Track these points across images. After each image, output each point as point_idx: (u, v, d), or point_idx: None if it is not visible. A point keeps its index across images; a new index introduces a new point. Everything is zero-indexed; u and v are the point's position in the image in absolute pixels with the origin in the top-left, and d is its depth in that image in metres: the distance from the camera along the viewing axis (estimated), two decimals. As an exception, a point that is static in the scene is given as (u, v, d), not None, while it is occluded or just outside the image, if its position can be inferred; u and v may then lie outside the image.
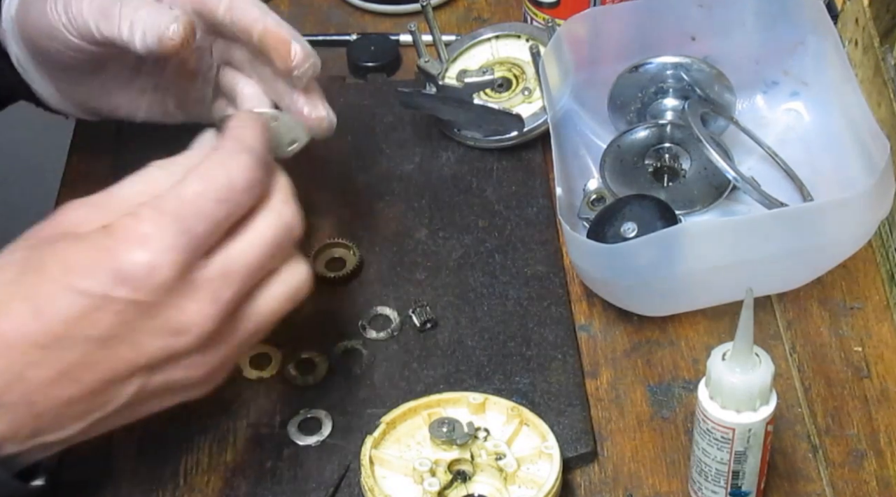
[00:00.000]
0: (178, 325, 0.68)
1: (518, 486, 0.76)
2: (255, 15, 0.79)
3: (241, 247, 0.70)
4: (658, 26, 0.95)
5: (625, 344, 0.87)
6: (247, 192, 0.70)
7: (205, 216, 0.68)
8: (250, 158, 0.71)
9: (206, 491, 0.79)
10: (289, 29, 0.80)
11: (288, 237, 0.72)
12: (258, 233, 0.71)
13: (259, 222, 0.71)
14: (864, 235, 0.85)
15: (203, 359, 0.70)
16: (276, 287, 0.72)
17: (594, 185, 0.94)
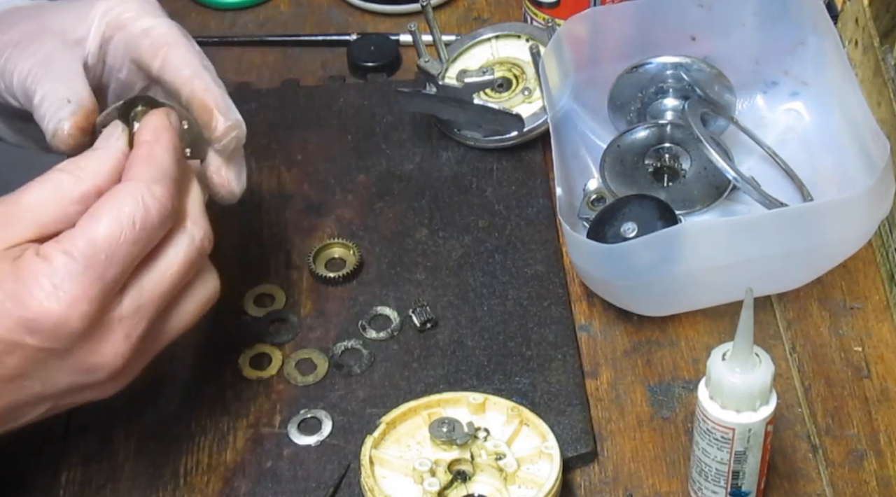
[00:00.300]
0: (90, 366, 0.69)
1: (518, 486, 0.76)
2: (184, 76, 0.77)
3: (154, 278, 0.70)
4: (658, 26, 0.95)
5: (625, 344, 0.87)
6: (160, 228, 0.69)
7: (117, 259, 0.68)
8: (164, 187, 0.70)
9: (206, 491, 0.79)
10: (217, 95, 0.77)
11: (199, 257, 0.72)
12: (170, 260, 0.70)
13: (170, 250, 0.70)
14: (864, 235, 0.85)
15: (115, 383, 0.71)
16: (188, 304, 0.72)
17: (594, 185, 0.94)
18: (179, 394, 0.84)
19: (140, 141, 0.72)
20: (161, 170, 0.70)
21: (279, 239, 0.93)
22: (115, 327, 0.69)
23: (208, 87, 0.77)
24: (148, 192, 0.69)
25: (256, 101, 1.03)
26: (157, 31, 0.78)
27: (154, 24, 0.78)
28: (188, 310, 0.73)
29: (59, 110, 0.74)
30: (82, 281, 0.67)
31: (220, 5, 1.14)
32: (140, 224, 0.68)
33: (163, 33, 0.78)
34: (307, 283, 0.90)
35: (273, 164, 0.98)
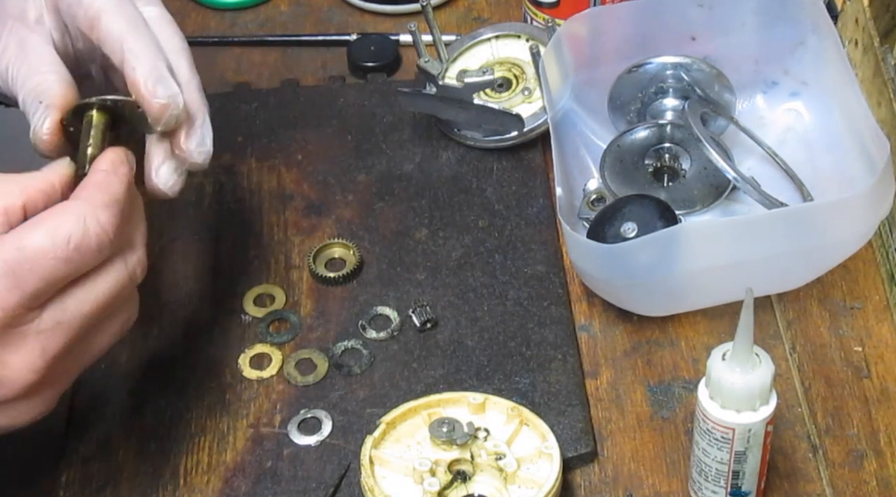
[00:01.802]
0: (1, 378, 0.66)
1: (518, 486, 0.76)
2: (117, 52, 0.73)
3: (80, 298, 0.68)
4: (658, 26, 0.95)
5: (625, 344, 0.87)
6: (97, 252, 0.67)
7: (42, 273, 0.65)
8: (110, 216, 0.68)
9: (206, 491, 0.79)
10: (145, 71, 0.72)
11: (129, 286, 0.70)
12: (100, 286, 0.68)
13: (102, 276, 0.68)
14: (864, 235, 0.85)
15: (28, 405, 0.68)
16: (109, 328, 0.70)
17: (594, 185, 0.94)
18: (179, 394, 0.84)
19: (96, 168, 0.70)
20: (111, 197, 0.69)
21: (279, 239, 0.93)
22: (30, 340, 0.66)
23: (136, 63, 0.72)
24: (92, 216, 0.67)
25: (256, 101, 1.03)
26: None
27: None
28: (109, 332, 0.71)
29: (34, 114, 0.72)
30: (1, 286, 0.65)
31: (220, 5, 1.14)
32: (74, 244, 0.66)
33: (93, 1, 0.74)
34: (307, 283, 0.90)
35: (273, 164, 0.98)
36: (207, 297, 0.89)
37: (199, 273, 0.91)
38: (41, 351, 0.66)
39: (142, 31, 0.74)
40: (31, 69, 0.74)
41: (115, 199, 0.68)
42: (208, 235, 0.93)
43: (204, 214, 0.95)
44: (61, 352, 0.67)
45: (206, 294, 0.90)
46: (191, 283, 0.90)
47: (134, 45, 0.73)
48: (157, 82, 0.72)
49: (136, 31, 0.73)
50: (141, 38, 0.73)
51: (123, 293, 0.70)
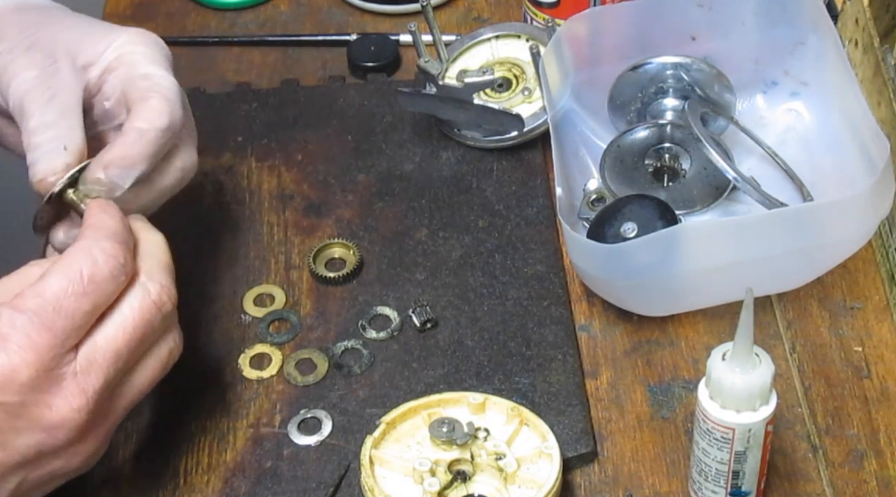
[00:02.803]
0: (48, 423, 0.68)
1: (518, 486, 0.76)
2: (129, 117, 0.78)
3: (109, 332, 0.70)
4: (658, 26, 0.95)
5: (625, 344, 0.87)
6: (112, 280, 0.70)
7: (66, 311, 0.68)
8: (114, 244, 0.70)
9: (206, 491, 0.79)
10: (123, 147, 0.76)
11: (158, 315, 0.72)
12: (125, 316, 0.71)
13: (124, 306, 0.71)
14: (864, 235, 0.85)
15: (82, 447, 0.70)
16: (150, 362, 0.72)
17: (594, 185, 0.94)
18: (179, 394, 0.84)
19: (87, 215, 0.73)
20: (109, 231, 0.71)
21: (279, 239, 0.93)
22: (70, 381, 0.68)
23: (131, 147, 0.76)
24: (97, 247, 0.70)
25: (256, 101, 1.03)
26: (157, 79, 0.79)
27: (157, 73, 0.80)
28: (149, 368, 0.73)
29: (53, 156, 0.76)
30: (29, 331, 0.67)
31: (220, 5, 1.14)
32: (89, 276, 0.69)
33: (158, 84, 0.79)
34: (307, 283, 0.90)
35: (273, 164, 0.98)
36: (207, 297, 0.89)
37: (199, 273, 0.91)
38: (82, 391, 0.68)
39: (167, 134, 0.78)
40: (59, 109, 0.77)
41: (112, 230, 0.71)
42: (208, 235, 0.93)
43: (204, 214, 0.95)
44: (102, 389, 0.69)
45: (206, 294, 0.90)
46: (191, 283, 0.90)
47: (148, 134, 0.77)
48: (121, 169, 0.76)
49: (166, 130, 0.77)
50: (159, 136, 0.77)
51: (153, 322, 0.72)
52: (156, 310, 0.72)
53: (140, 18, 1.13)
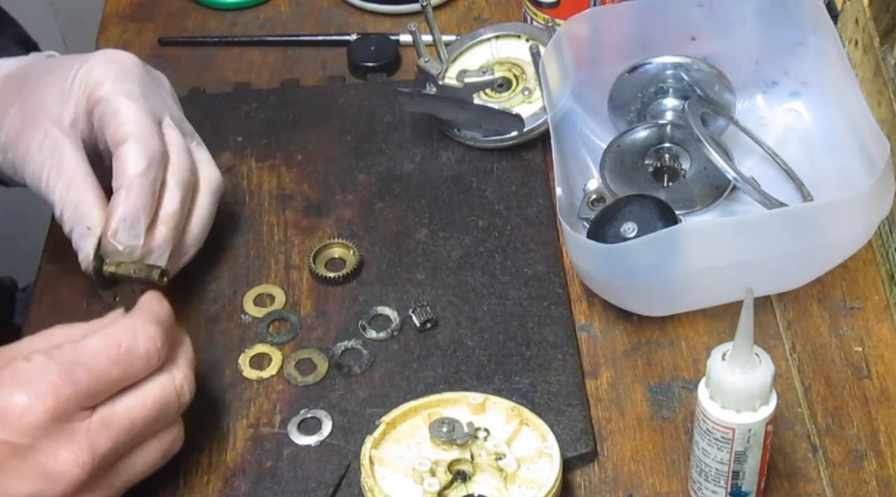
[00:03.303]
0: (49, 471, 0.69)
1: (518, 486, 0.76)
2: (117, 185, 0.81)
3: (128, 404, 0.72)
4: (658, 26, 0.95)
5: (625, 344, 0.87)
6: (145, 359, 0.73)
7: (95, 372, 0.71)
8: (158, 329, 0.74)
9: (206, 491, 0.79)
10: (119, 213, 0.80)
11: (175, 402, 0.75)
12: (147, 393, 0.73)
13: (151, 384, 0.74)
14: (864, 235, 0.85)
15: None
16: (154, 445, 0.75)
17: (594, 185, 0.94)
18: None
19: (142, 301, 0.77)
20: (157, 317, 0.75)
21: (279, 239, 0.93)
22: (80, 437, 0.70)
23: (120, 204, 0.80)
24: (141, 327, 0.73)
25: (256, 101, 1.03)
26: (122, 116, 0.82)
27: (122, 106, 0.82)
28: (152, 451, 0.75)
29: (84, 241, 0.81)
30: (54, 379, 0.69)
31: (220, 5, 1.14)
32: (126, 348, 0.72)
33: (123, 123, 0.82)
34: (307, 283, 0.90)
35: (273, 164, 0.98)
36: (207, 297, 0.89)
37: (199, 273, 0.91)
38: (89, 448, 0.70)
39: (150, 173, 0.81)
40: (71, 182, 0.81)
41: (160, 318, 0.75)
42: (208, 235, 0.93)
43: (204, 214, 0.95)
44: (108, 453, 0.71)
45: (206, 294, 0.90)
46: (191, 283, 0.90)
47: (133, 184, 0.80)
48: (126, 230, 0.80)
49: (146, 172, 0.81)
50: (143, 181, 0.81)
51: (169, 409, 0.75)
52: (175, 396, 0.75)
53: (140, 18, 1.13)
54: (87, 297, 0.89)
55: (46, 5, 1.62)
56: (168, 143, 0.84)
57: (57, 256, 0.92)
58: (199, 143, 0.89)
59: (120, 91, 0.83)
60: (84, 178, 0.82)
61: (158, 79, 0.88)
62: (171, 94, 0.89)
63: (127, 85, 0.83)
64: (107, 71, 0.83)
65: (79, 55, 0.86)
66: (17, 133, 0.83)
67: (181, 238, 0.85)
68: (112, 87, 0.83)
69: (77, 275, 0.85)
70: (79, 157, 0.82)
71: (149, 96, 0.84)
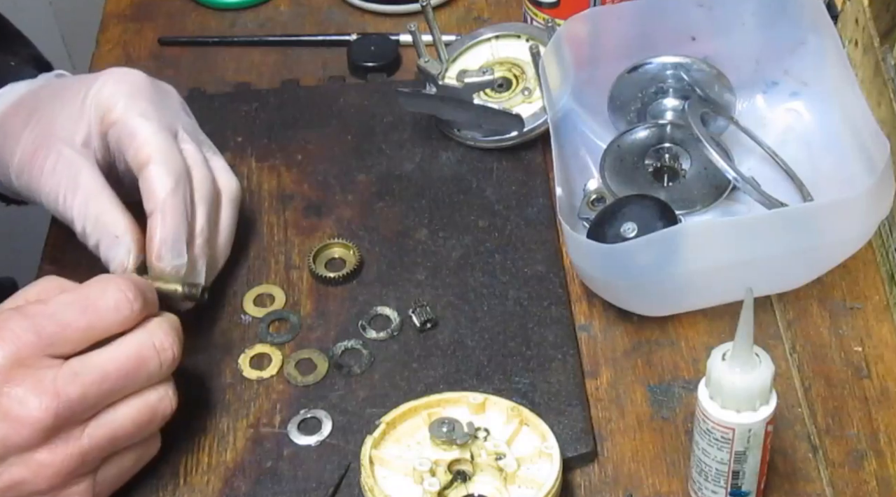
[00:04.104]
0: (15, 415, 0.70)
1: (518, 486, 0.76)
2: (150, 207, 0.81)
3: (101, 355, 0.73)
4: (658, 26, 0.95)
5: (625, 344, 0.87)
6: (115, 310, 0.73)
7: (60, 321, 0.72)
8: (129, 283, 0.74)
9: (206, 491, 0.79)
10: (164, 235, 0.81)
11: (155, 359, 0.75)
12: (122, 347, 0.74)
13: (127, 338, 0.74)
14: (864, 235, 0.85)
15: (47, 460, 0.71)
16: (136, 403, 0.74)
17: (594, 185, 0.94)
18: (180, 394, 0.84)
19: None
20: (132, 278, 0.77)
21: (279, 239, 0.93)
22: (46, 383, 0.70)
23: (159, 227, 0.81)
24: (112, 281, 0.75)
25: (256, 101, 1.03)
26: (141, 138, 0.82)
27: (139, 127, 0.82)
28: (135, 408, 0.74)
29: (115, 251, 0.81)
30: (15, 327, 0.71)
31: (220, 5, 1.14)
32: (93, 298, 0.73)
33: (143, 144, 0.82)
34: (307, 283, 0.90)
35: (273, 164, 0.98)
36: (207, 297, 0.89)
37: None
38: (55, 394, 0.70)
39: (179, 192, 0.82)
40: (89, 196, 0.82)
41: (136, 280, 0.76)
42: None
43: (204, 214, 0.95)
44: (77, 401, 0.71)
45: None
46: (191, 283, 0.90)
47: (167, 204, 0.81)
48: (169, 251, 0.81)
49: (175, 191, 0.81)
50: (175, 201, 0.81)
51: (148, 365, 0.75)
52: (153, 353, 0.74)
53: (140, 18, 1.13)
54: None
55: (46, 5, 1.62)
56: (186, 158, 0.84)
57: (57, 256, 0.92)
58: (214, 151, 0.89)
59: (134, 111, 0.83)
60: (101, 190, 0.82)
61: (167, 92, 0.88)
62: (181, 105, 0.89)
63: (140, 103, 0.83)
64: (118, 90, 0.83)
65: (88, 75, 0.86)
66: (30, 156, 0.83)
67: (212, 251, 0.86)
68: (125, 107, 0.83)
69: (76, 275, 0.85)
70: (94, 173, 0.83)
71: (162, 112, 0.84)
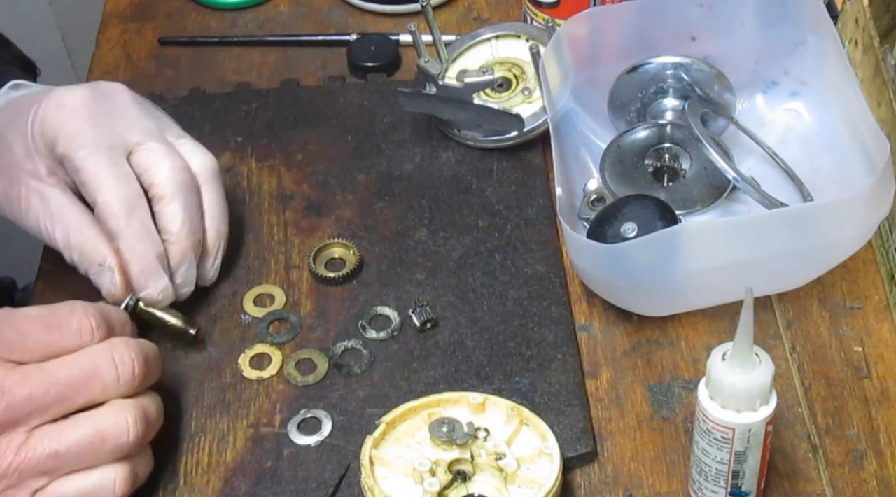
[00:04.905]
0: None
1: (518, 486, 0.76)
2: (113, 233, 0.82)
3: (55, 363, 0.73)
4: (658, 26, 0.95)
5: (625, 344, 0.87)
6: (77, 334, 0.74)
7: (21, 331, 0.73)
8: (97, 313, 0.75)
9: (206, 491, 0.79)
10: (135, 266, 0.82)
11: (111, 372, 0.74)
12: (77, 356, 0.74)
13: (86, 349, 0.74)
14: (864, 235, 0.85)
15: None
16: (84, 421, 0.73)
17: (594, 185, 0.94)
18: (179, 394, 0.84)
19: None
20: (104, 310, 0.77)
21: (279, 239, 0.93)
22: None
23: (130, 258, 0.82)
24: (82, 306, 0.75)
25: (256, 101, 1.03)
26: (84, 172, 0.82)
27: (80, 161, 0.82)
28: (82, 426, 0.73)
29: (101, 278, 0.82)
30: None
31: (220, 5, 1.14)
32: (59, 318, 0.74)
33: (87, 179, 0.82)
34: (307, 283, 0.90)
35: (273, 164, 0.98)
36: (207, 297, 0.89)
37: (199, 273, 0.91)
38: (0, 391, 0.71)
39: (134, 219, 0.82)
40: (69, 228, 0.83)
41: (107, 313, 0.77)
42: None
43: (204, 214, 0.95)
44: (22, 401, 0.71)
45: (207, 294, 0.90)
46: (191, 283, 0.90)
47: (126, 238, 0.82)
48: (148, 278, 0.82)
49: (129, 221, 0.82)
50: (132, 229, 0.82)
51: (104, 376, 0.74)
52: (111, 365, 0.74)
53: (140, 18, 1.13)
54: (85, 297, 0.88)
55: (46, 5, 1.62)
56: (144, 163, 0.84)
57: (56, 256, 0.91)
58: (179, 134, 0.88)
59: (74, 143, 0.82)
60: (80, 218, 0.83)
61: (112, 95, 0.87)
62: (133, 101, 0.87)
63: (79, 130, 0.83)
64: (56, 120, 0.83)
65: (36, 95, 0.86)
66: (5, 194, 0.85)
67: (204, 237, 0.86)
68: (66, 140, 0.82)
69: (76, 275, 0.85)
70: (67, 200, 0.83)
71: (103, 131, 0.83)
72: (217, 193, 0.87)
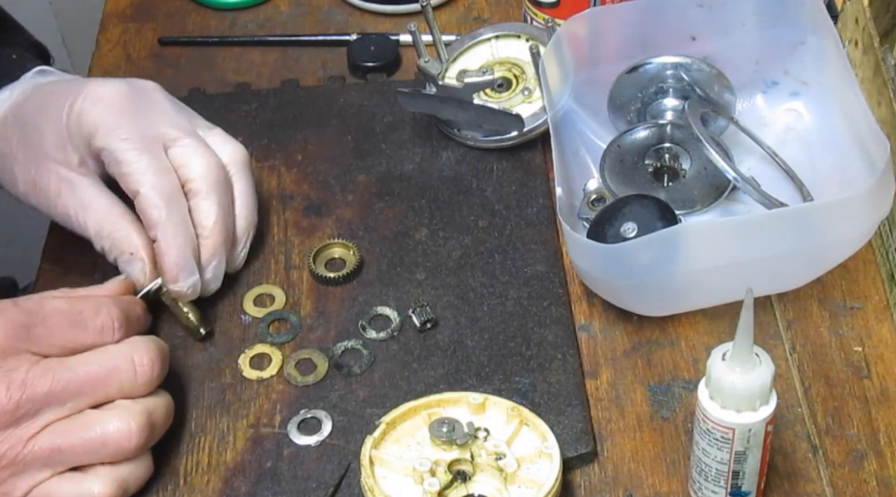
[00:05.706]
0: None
1: (518, 486, 0.76)
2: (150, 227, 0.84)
3: (76, 359, 0.74)
4: (658, 26, 0.95)
5: (625, 344, 0.87)
6: (99, 332, 0.75)
7: (48, 325, 0.74)
8: (121, 314, 0.77)
9: (206, 491, 0.79)
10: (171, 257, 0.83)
11: (130, 372, 0.76)
12: (99, 354, 0.75)
13: (107, 348, 0.76)
14: (864, 235, 0.85)
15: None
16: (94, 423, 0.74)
17: (594, 185, 0.94)
18: (179, 394, 0.84)
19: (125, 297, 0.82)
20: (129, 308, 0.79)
21: (279, 239, 0.93)
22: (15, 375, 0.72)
23: (166, 251, 0.83)
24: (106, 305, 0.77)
25: (256, 101, 1.03)
26: (125, 165, 0.83)
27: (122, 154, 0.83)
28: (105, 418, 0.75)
29: (131, 267, 0.84)
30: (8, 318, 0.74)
31: (220, 5, 1.14)
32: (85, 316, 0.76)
33: (129, 172, 0.83)
34: (307, 283, 0.90)
35: (273, 164, 0.98)
36: (208, 297, 0.89)
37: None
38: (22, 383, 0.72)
39: (174, 211, 0.83)
40: (101, 217, 0.84)
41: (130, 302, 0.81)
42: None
43: (204, 214, 0.95)
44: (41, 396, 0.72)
45: (206, 294, 0.90)
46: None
47: (166, 229, 0.83)
48: (181, 272, 0.83)
49: (170, 212, 0.83)
50: (172, 220, 0.83)
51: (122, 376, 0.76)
52: (130, 366, 0.76)
53: (140, 18, 1.13)
54: (86, 296, 0.89)
55: (46, 5, 1.62)
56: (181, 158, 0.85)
57: (57, 256, 0.92)
58: (208, 127, 0.89)
59: (114, 135, 0.83)
60: (111, 208, 0.84)
61: (146, 91, 0.88)
62: (164, 98, 0.88)
63: (119, 122, 0.84)
64: (95, 113, 0.84)
65: (69, 84, 0.87)
66: (33, 182, 0.85)
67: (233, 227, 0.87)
68: (106, 132, 0.83)
69: (76, 275, 0.85)
70: (99, 190, 0.85)
71: (142, 123, 0.84)
72: (247, 183, 0.89)
